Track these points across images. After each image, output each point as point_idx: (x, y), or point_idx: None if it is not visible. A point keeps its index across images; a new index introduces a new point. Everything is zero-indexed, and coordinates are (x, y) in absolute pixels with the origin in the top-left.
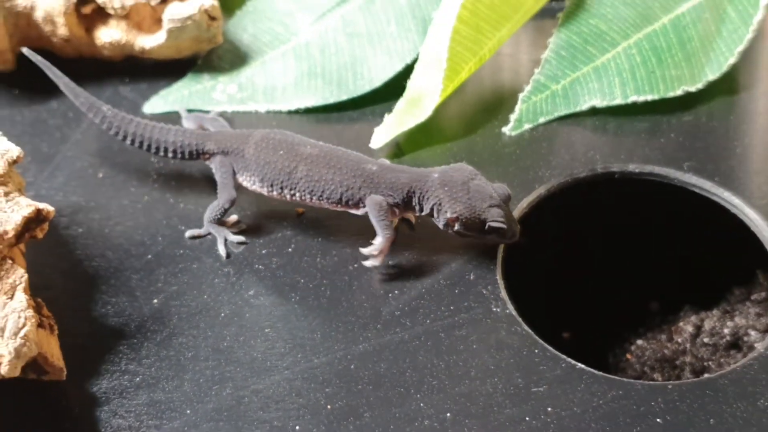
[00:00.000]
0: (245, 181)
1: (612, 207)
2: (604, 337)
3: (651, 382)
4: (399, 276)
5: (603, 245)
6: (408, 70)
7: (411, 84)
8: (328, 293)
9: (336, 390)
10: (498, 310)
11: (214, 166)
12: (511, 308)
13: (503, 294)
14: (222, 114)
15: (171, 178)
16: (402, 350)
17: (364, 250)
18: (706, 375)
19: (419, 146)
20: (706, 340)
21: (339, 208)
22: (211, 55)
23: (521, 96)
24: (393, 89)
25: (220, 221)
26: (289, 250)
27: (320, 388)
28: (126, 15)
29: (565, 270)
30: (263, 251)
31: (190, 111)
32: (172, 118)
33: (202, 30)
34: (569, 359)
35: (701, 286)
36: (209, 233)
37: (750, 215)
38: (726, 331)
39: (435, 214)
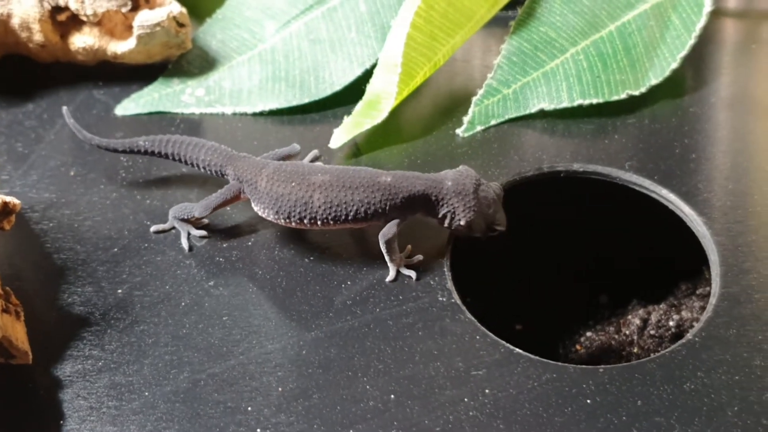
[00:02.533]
0: (259, 211)
1: (558, 204)
2: (555, 329)
3: (583, 366)
4: (352, 267)
5: (551, 241)
6: (367, 75)
7: (369, 88)
8: (284, 284)
9: (287, 373)
10: (444, 299)
11: (226, 185)
12: (456, 298)
13: (449, 284)
14: (190, 116)
15: (139, 176)
16: (351, 336)
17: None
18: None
19: (377, 147)
20: (652, 332)
21: (363, 225)
22: (181, 60)
23: (474, 99)
24: (353, 93)
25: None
26: (249, 243)
27: (272, 372)
28: (98, 22)
29: (516, 265)
30: (224, 244)
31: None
32: (142, 120)
33: (171, 36)
34: (508, 344)
35: (650, 281)
36: (173, 228)
37: (686, 211)
38: (671, 323)
39: (446, 221)
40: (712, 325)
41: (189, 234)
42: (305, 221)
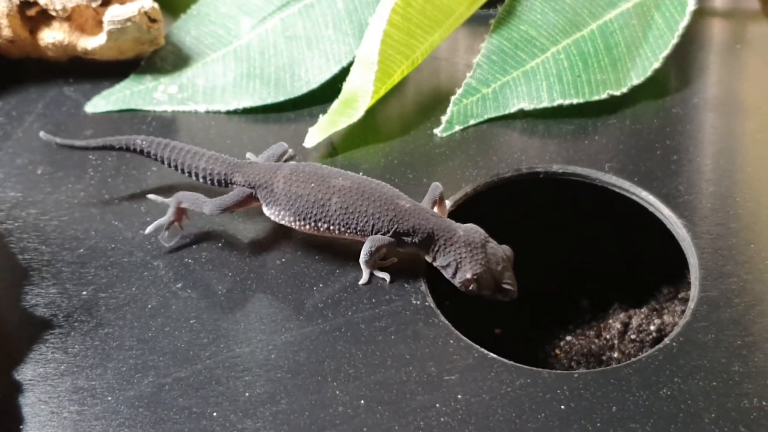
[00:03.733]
0: (273, 215)
1: (537, 206)
2: (534, 333)
3: (558, 371)
4: (324, 269)
5: (530, 244)
6: (344, 73)
7: (346, 86)
8: (254, 286)
9: (255, 378)
10: (417, 302)
11: (237, 189)
12: (430, 301)
13: (424, 287)
14: (162, 114)
15: (107, 175)
16: (322, 340)
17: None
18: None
19: (353, 146)
20: (633, 336)
21: (364, 240)
22: (154, 57)
23: (453, 99)
24: (330, 91)
25: (180, 214)
26: (219, 245)
27: (240, 377)
28: (68, 17)
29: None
30: (193, 246)
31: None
32: (113, 118)
33: (142, 32)
34: (482, 349)
35: (632, 285)
36: (167, 205)
37: (666, 213)
38: (652, 327)
39: (451, 270)
40: (690, 330)
41: (170, 224)
42: (318, 224)
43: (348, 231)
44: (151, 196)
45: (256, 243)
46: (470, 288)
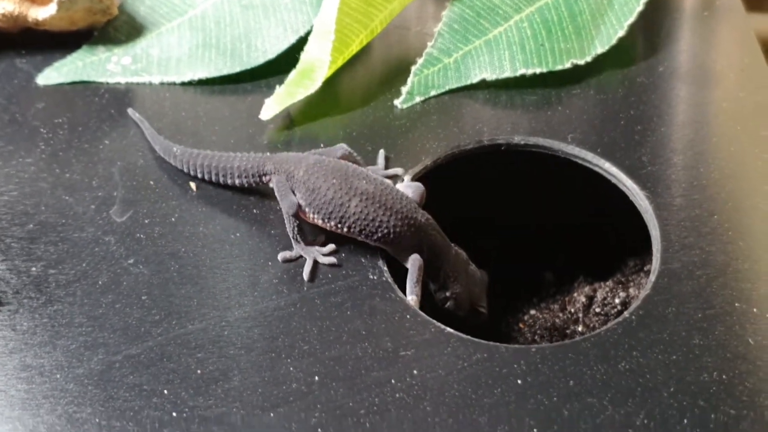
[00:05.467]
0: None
1: (499, 178)
2: (498, 307)
3: (515, 346)
4: (280, 244)
5: (492, 216)
6: (302, 43)
7: (303, 56)
8: (208, 262)
9: (207, 355)
10: (375, 277)
11: (274, 185)
12: (387, 276)
13: (381, 262)
14: (115, 86)
15: (59, 149)
16: (276, 316)
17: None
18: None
19: (311, 118)
20: (597, 310)
21: (376, 245)
22: (107, 27)
23: (413, 69)
24: (287, 61)
25: (301, 236)
26: (172, 219)
27: (192, 354)
28: None
29: (457, 241)
30: (146, 220)
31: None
32: (65, 90)
33: (94, 2)
34: (439, 324)
35: (597, 258)
36: (300, 256)
37: (629, 185)
38: (617, 301)
39: (436, 283)
40: (651, 303)
41: (315, 261)
42: (330, 222)
43: (363, 236)
44: (281, 257)
45: (210, 217)
46: (447, 305)
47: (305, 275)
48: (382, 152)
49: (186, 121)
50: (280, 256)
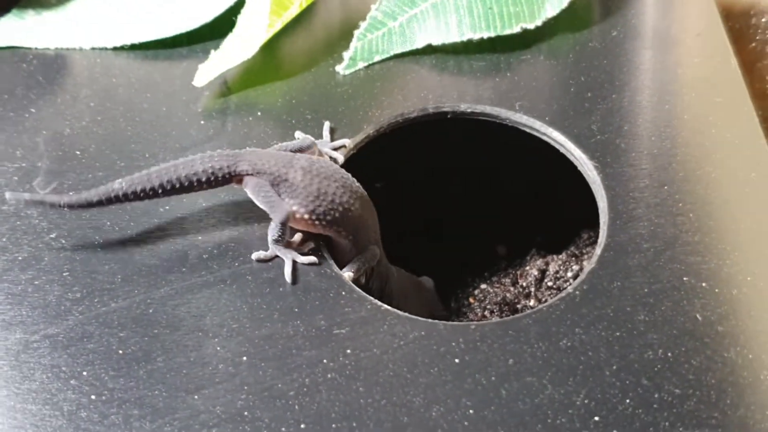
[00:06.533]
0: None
1: (445, 148)
2: (447, 281)
3: (454, 323)
4: (212, 218)
5: (438, 187)
6: (241, 5)
7: (240, 19)
8: (134, 235)
9: (130, 334)
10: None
11: (250, 189)
12: (324, 251)
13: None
14: (45, 51)
15: None
16: (205, 294)
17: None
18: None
19: (249, 85)
20: (549, 283)
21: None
22: None
23: (356, 33)
24: (225, 24)
25: (286, 242)
26: None
27: (114, 333)
28: None
29: (403, 214)
30: (70, 193)
31: None
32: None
33: None
34: (375, 301)
35: (550, 230)
36: (276, 256)
37: (577, 155)
38: (569, 274)
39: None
40: (595, 277)
41: (295, 263)
42: (332, 227)
43: (350, 235)
44: (255, 257)
45: None
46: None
47: (287, 278)
48: (327, 124)
49: (117, 88)
50: (254, 256)
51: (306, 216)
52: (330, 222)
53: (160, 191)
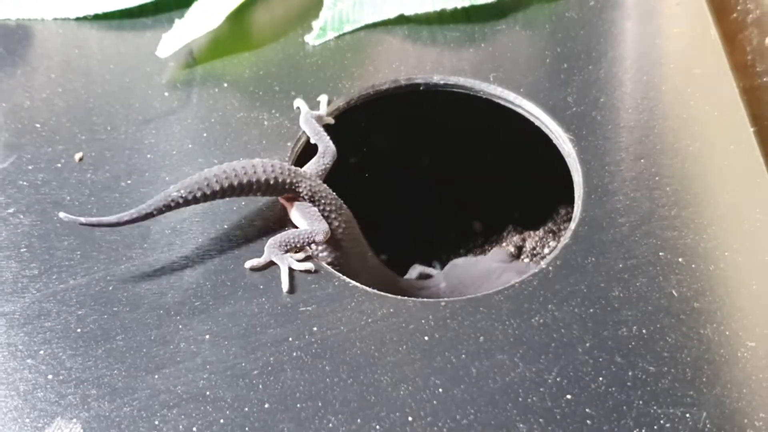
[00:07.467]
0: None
1: (417, 121)
2: (422, 258)
3: (424, 300)
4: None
5: (412, 161)
6: None
7: None
8: (95, 211)
9: (89, 312)
10: (276, 226)
11: (297, 206)
12: (290, 226)
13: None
14: (5, 22)
15: None
16: (167, 271)
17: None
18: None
19: (215, 56)
20: (526, 260)
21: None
22: None
23: (326, 2)
24: None
25: (295, 249)
26: (58, 165)
27: (72, 311)
28: None
29: (376, 191)
30: (29, 166)
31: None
32: None
33: None
34: (343, 277)
35: (527, 206)
36: (270, 263)
37: (552, 128)
38: (546, 250)
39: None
40: (569, 253)
41: (291, 269)
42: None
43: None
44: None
45: (99, 164)
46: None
47: (284, 286)
48: (324, 97)
49: (79, 59)
50: (248, 264)
51: (339, 237)
52: (349, 238)
53: (219, 195)
